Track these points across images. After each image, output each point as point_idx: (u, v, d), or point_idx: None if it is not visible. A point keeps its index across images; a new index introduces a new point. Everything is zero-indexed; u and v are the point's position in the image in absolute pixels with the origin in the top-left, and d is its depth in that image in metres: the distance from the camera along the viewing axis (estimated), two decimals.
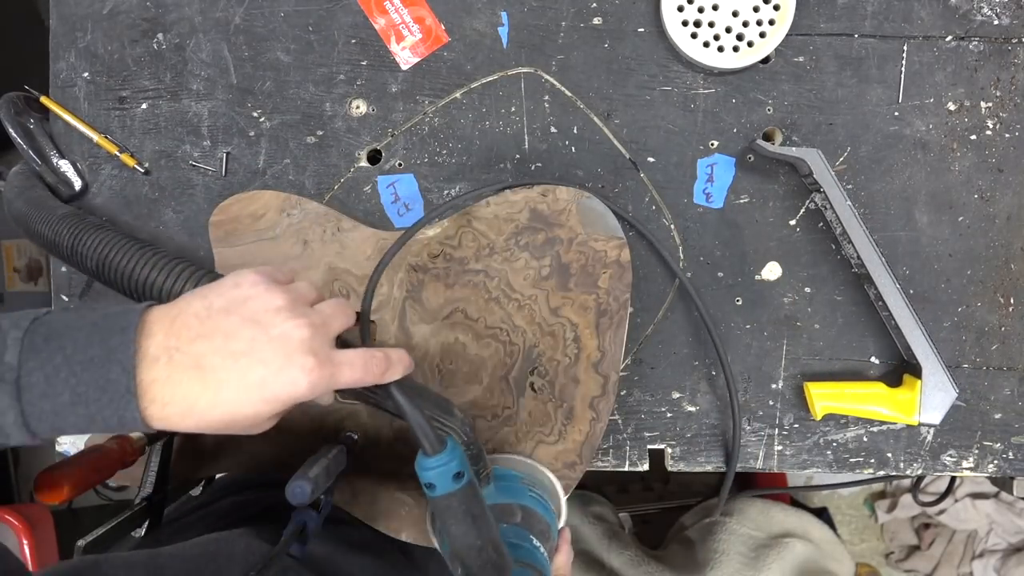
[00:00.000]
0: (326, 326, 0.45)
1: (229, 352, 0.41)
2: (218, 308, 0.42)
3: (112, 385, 0.38)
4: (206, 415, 0.40)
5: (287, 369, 0.41)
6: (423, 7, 0.69)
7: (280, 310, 0.43)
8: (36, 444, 0.40)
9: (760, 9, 0.67)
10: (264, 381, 0.41)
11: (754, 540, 1.09)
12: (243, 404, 0.41)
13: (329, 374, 0.43)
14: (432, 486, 0.47)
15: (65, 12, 0.70)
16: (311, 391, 0.42)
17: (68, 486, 0.51)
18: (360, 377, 0.45)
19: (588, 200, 0.65)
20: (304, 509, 0.53)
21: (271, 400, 0.41)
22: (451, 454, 0.47)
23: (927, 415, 0.66)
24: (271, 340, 0.42)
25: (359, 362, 0.45)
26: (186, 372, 0.40)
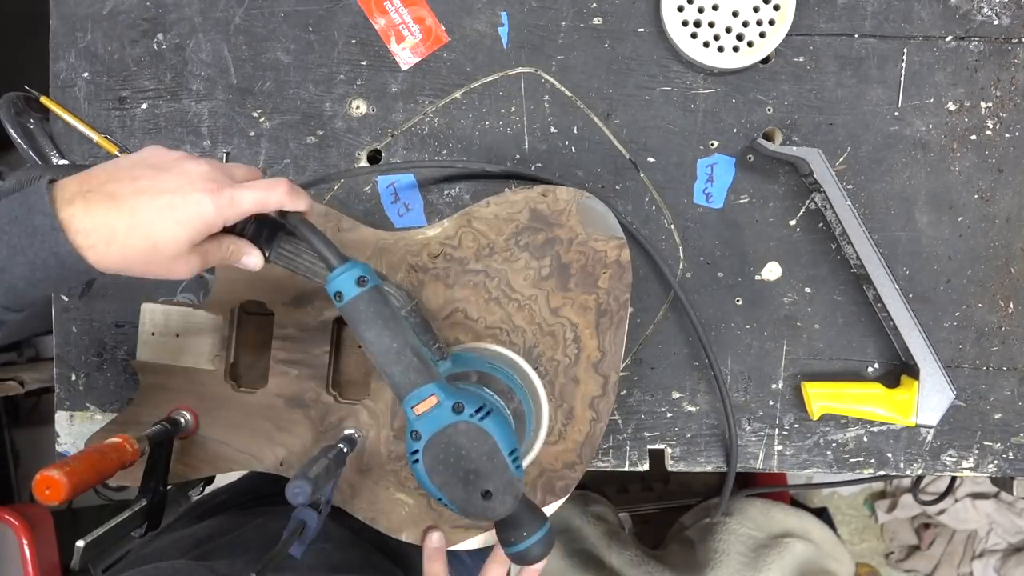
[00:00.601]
0: (227, 169, 0.50)
1: (137, 188, 0.46)
2: (124, 164, 0.48)
3: (39, 229, 0.44)
4: (128, 239, 0.45)
5: (191, 192, 0.46)
6: (423, 7, 0.69)
7: (179, 158, 0.49)
8: (2, 317, 0.46)
9: (760, 9, 0.67)
10: (172, 204, 0.46)
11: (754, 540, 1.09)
12: (159, 225, 0.45)
13: (231, 194, 0.47)
14: (339, 294, 0.49)
15: (65, 12, 0.70)
16: (216, 210, 0.47)
17: (68, 486, 0.51)
18: (263, 197, 0.49)
19: (588, 200, 0.65)
20: (304, 509, 0.53)
21: (182, 221, 0.46)
22: (353, 264, 0.49)
23: (924, 416, 0.66)
24: (174, 175, 0.47)
25: (261, 184, 0.50)
26: (101, 203, 0.45)
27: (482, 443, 0.49)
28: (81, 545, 0.52)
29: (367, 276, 0.49)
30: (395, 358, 0.49)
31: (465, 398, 0.50)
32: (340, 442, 0.60)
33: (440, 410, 0.49)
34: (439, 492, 0.50)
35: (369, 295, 0.49)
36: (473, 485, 0.49)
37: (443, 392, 0.49)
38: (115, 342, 0.72)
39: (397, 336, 0.49)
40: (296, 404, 0.66)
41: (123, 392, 0.72)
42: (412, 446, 0.50)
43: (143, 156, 0.49)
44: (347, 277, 0.49)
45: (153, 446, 0.61)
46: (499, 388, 0.58)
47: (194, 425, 0.66)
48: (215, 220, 0.47)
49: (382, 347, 0.49)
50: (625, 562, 1.09)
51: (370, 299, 0.49)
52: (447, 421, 0.49)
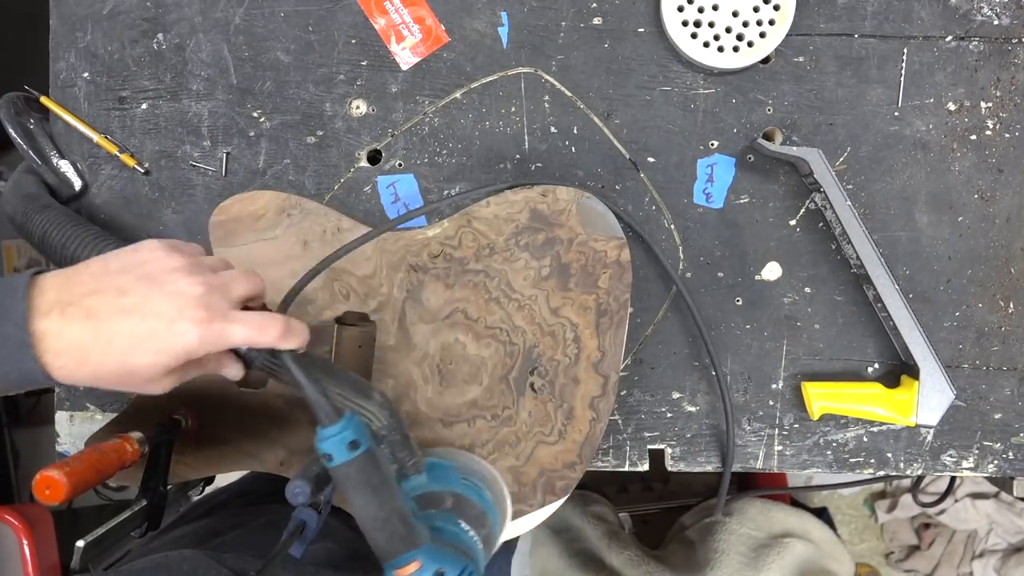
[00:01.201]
0: (225, 287, 0.46)
1: (121, 307, 0.42)
2: (115, 268, 0.44)
3: (7, 340, 0.41)
4: (101, 365, 0.42)
5: (178, 321, 0.43)
6: (423, 7, 0.69)
7: (176, 270, 0.45)
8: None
9: (760, 9, 0.67)
10: (155, 332, 0.42)
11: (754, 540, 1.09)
12: (135, 355, 0.42)
13: (220, 329, 0.44)
14: (329, 456, 0.48)
15: (65, 12, 0.70)
16: (201, 344, 0.43)
17: (68, 486, 0.51)
18: (254, 336, 0.46)
19: (588, 200, 0.65)
20: (304, 509, 0.53)
21: (162, 352, 0.43)
22: (346, 424, 0.47)
23: (924, 416, 0.66)
24: (165, 295, 0.43)
25: (255, 321, 0.46)
26: (78, 323, 0.42)
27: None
28: (81, 545, 0.52)
29: (359, 439, 0.48)
30: (381, 526, 0.49)
31: (447, 561, 0.49)
32: None
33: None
34: None
35: (360, 460, 0.48)
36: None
37: (426, 557, 0.49)
38: None
39: (384, 504, 0.49)
40: (297, 404, 0.66)
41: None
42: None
43: (139, 259, 0.45)
44: (339, 440, 0.47)
45: (153, 446, 0.61)
46: (474, 515, 0.57)
47: (194, 425, 0.66)
48: (196, 352, 0.44)
49: (369, 514, 0.49)
50: (625, 562, 1.09)
51: (361, 465, 0.48)
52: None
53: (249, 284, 0.49)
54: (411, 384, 0.66)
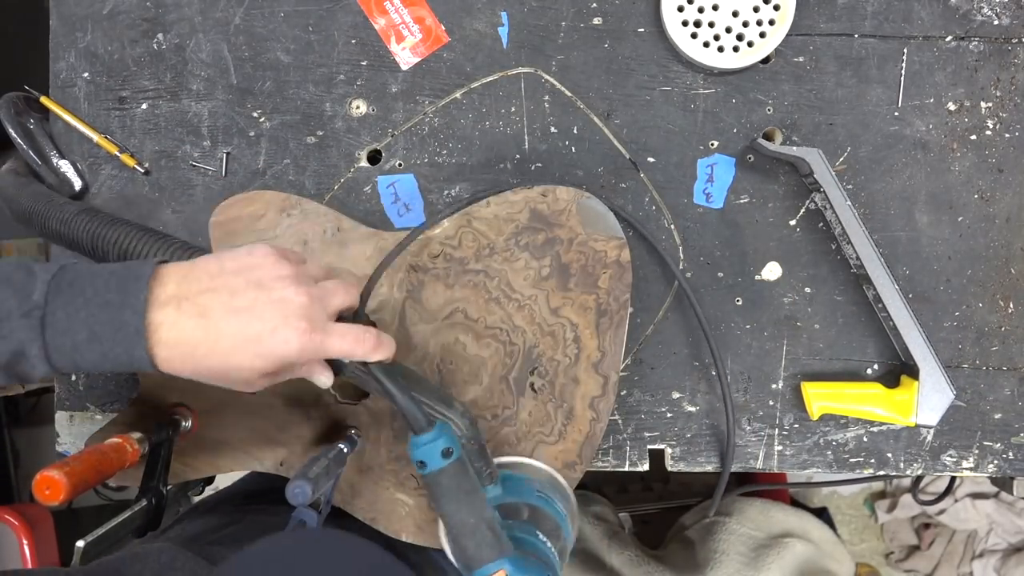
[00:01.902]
0: (325, 299, 0.48)
1: (232, 307, 0.45)
2: (229, 269, 0.46)
3: (125, 326, 0.43)
4: (204, 360, 0.44)
5: (281, 329, 0.45)
6: (423, 7, 0.69)
7: (284, 278, 0.47)
8: (53, 374, 0.46)
9: (760, 9, 0.67)
10: (260, 336, 0.45)
11: (754, 540, 1.09)
12: (238, 355, 0.45)
13: (320, 339, 0.46)
14: (423, 464, 0.49)
15: (65, 12, 0.70)
16: (301, 352, 0.46)
17: (68, 486, 0.51)
18: (350, 348, 0.48)
19: (588, 200, 0.65)
20: (304, 509, 0.53)
21: (264, 355, 0.45)
22: (439, 432, 0.49)
23: (924, 416, 0.66)
24: (271, 302, 0.45)
25: (351, 334, 0.48)
26: (191, 319, 0.44)
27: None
28: (81, 545, 0.52)
29: (451, 447, 0.49)
30: (471, 533, 0.50)
31: (531, 571, 0.50)
32: (340, 442, 0.60)
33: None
34: None
35: (453, 468, 0.50)
36: None
37: (512, 566, 0.50)
38: None
39: (475, 511, 0.50)
40: (296, 404, 0.66)
41: (123, 392, 0.72)
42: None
43: (251, 263, 0.47)
44: (433, 448, 0.49)
45: (153, 446, 0.61)
46: (549, 528, 0.58)
47: (194, 425, 0.66)
48: (295, 360, 0.46)
49: (459, 520, 0.50)
50: (625, 562, 1.09)
51: (452, 473, 0.50)
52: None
53: (348, 297, 0.51)
54: None
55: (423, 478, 0.50)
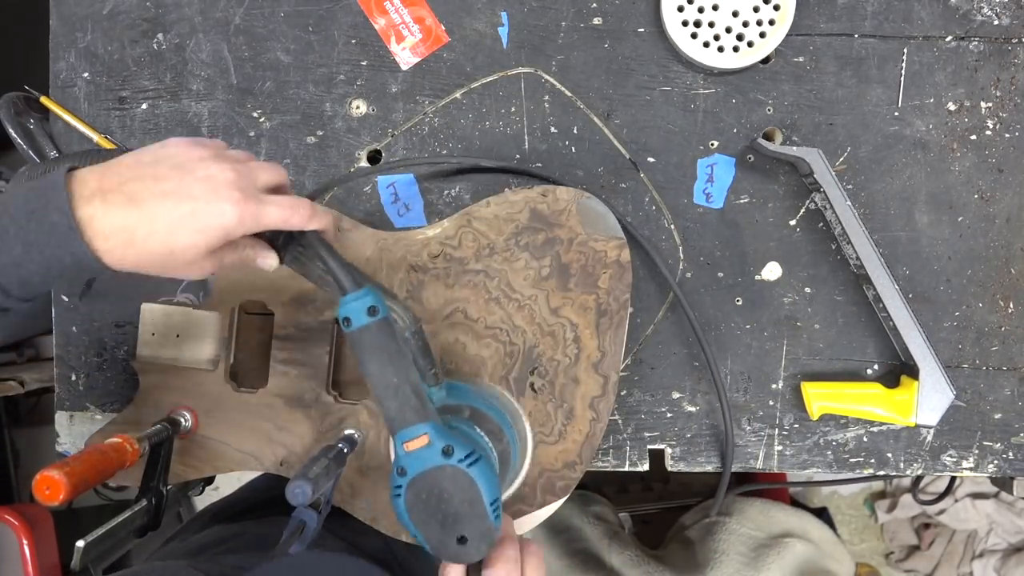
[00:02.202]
0: (252, 174, 0.49)
1: (160, 191, 0.45)
2: (147, 160, 0.46)
3: (55, 227, 0.43)
4: (146, 244, 0.44)
5: (215, 201, 0.45)
6: (423, 7, 0.69)
7: (204, 158, 0.47)
8: (13, 306, 0.46)
9: (760, 9, 0.67)
10: (195, 212, 0.45)
11: (754, 540, 1.09)
12: (178, 233, 0.45)
13: (255, 208, 0.47)
14: (347, 320, 0.49)
15: (65, 12, 0.70)
16: (240, 222, 0.46)
17: (68, 486, 0.51)
18: (287, 215, 0.48)
19: (588, 200, 0.65)
20: (304, 509, 0.53)
21: (203, 230, 0.45)
22: (367, 292, 0.49)
23: (924, 416, 0.66)
24: (198, 180, 0.46)
25: (286, 202, 0.49)
26: (121, 207, 0.44)
27: (466, 489, 0.49)
28: (81, 545, 0.52)
29: (378, 306, 0.49)
30: (394, 393, 0.49)
31: (456, 441, 0.49)
32: (340, 442, 0.60)
33: (429, 450, 0.49)
34: (415, 529, 0.50)
35: (377, 326, 0.49)
36: (450, 528, 0.49)
37: (435, 433, 0.49)
38: (115, 342, 0.72)
39: (399, 371, 0.49)
40: (296, 404, 0.66)
41: (123, 392, 0.72)
42: (396, 480, 0.49)
43: (168, 152, 0.47)
44: (359, 305, 0.49)
45: (153, 446, 0.61)
46: (490, 428, 0.58)
47: (194, 425, 0.66)
48: (235, 231, 0.46)
49: (383, 380, 0.49)
50: (625, 562, 1.09)
51: (378, 330, 0.49)
52: (434, 463, 0.49)
53: (274, 172, 0.51)
54: None
55: (348, 336, 0.49)
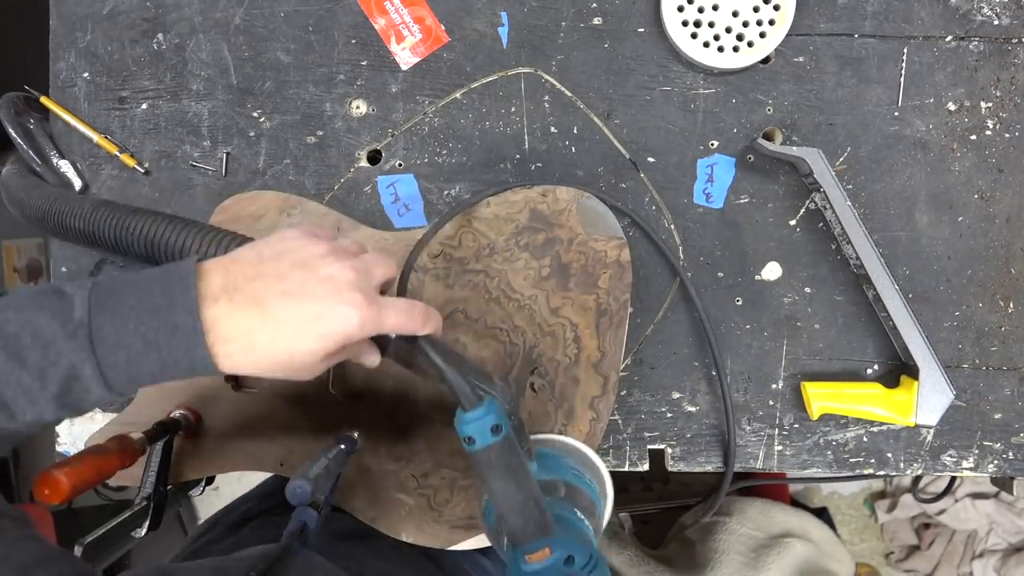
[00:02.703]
0: (369, 272, 0.47)
1: (283, 291, 0.43)
2: (268, 255, 0.45)
3: (180, 328, 0.41)
4: (268, 350, 0.42)
5: (339, 305, 0.44)
6: (423, 7, 0.69)
7: (325, 255, 0.46)
8: (113, 400, 0.43)
9: (760, 9, 0.67)
10: (319, 316, 0.43)
11: (754, 540, 1.09)
12: (301, 339, 0.43)
13: (377, 312, 0.45)
14: (471, 440, 0.49)
15: (65, 12, 0.70)
16: (362, 327, 0.44)
17: (68, 486, 0.51)
18: (404, 321, 0.47)
19: (588, 200, 0.65)
20: (304, 508, 0.53)
21: (327, 336, 0.43)
22: (488, 407, 0.49)
23: (923, 416, 0.66)
24: (320, 280, 0.44)
25: (403, 306, 0.48)
26: (246, 309, 0.42)
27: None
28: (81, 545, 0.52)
29: (501, 424, 0.49)
30: (519, 510, 0.50)
31: (576, 549, 0.50)
32: (340, 442, 0.60)
33: (552, 563, 0.49)
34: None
35: (501, 445, 0.49)
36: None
37: (557, 544, 0.50)
38: None
39: (523, 488, 0.50)
40: (296, 404, 0.66)
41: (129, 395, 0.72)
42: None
43: (287, 247, 0.46)
44: (483, 424, 0.49)
45: (153, 446, 0.61)
46: (584, 505, 0.58)
47: (194, 425, 0.66)
48: (356, 336, 0.45)
49: (508, 498, 0.50)
50: (625, 562, 1.09)
51: (501, 449, 0.49)
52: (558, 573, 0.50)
53: (388, 269, 0.50)
54: (412, 384, 0.66)
55: (471, 455, 0.49)
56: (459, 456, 0.65)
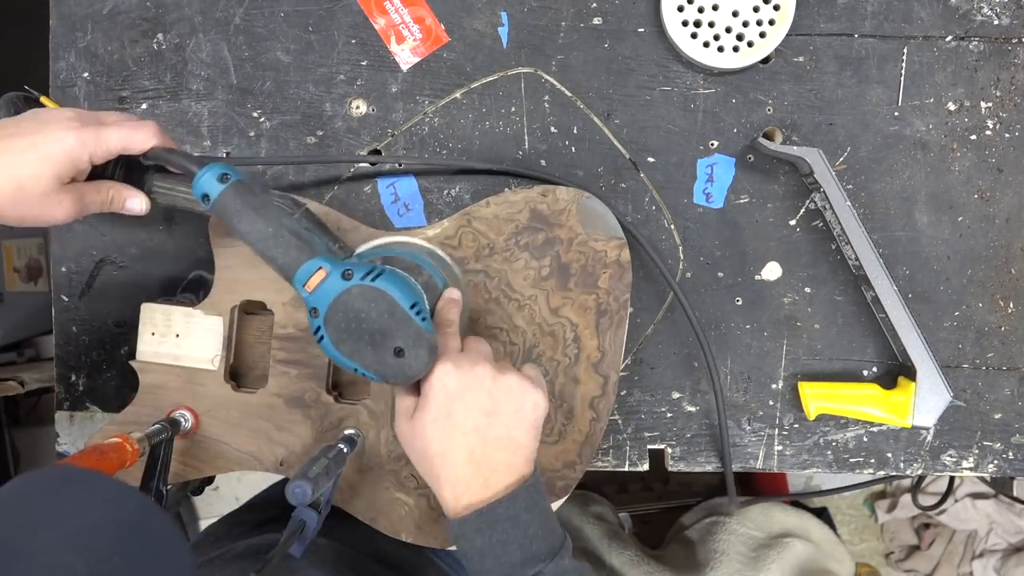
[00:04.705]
0: (96, 114, 0.52)
1: (6, 134, 0.49)
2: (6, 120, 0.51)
3: None
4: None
5: (53, 131, 0.49)
6: (423, 7, 0.69)
7: (47, 110, 0.52)
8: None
9: (760, 9, 0.67)
10: (33, 144, 0.48)
11: (754, 540, 1.09)
12: (20, 165, 0.48)
13: (95, 131, 0.50)
14: (206, 197, 0.50)
15: (65, 12, 0.70)
16: (81, 145, 0.49)
17: None
18: (128, 133, 0.52)
19: (588, 200, 0.65)
20: (304, 509, 0.53)
21: (45, 158, 0.48)
22: (211, 166, 0.50)
23: (921, 418, 0.66)
24: (37, 120, 0.50)
25: (127, 123, 0.52)
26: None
27: (380, 302, 0.48)
28: None
29: (228, 172, 0.50)
30: (273, 242, 0.49)
31: (353, 266, 0.49)
32: (340, 442, 0.60)
33: (330, 280, 0.49)
34: (351, 362, 0.49)
35: (234, 188, 0.50)
36: (381, 345, 0.49)
37: (329, 263, 0.49)
38: (115, 342, 0.72)
39: (271, 221, 0.50)
40: (296, 404, 0.66)
41: (123, 392, 0.72)
42: (313, 324, 0.49)
43: (19, 116, 0.52)
44: (208, 177, 0.50)
45: (153, 446, 0.61)
46: (403, 265, 0.57)
47: (194, 425, 0.66)
48: (79, 154, 0.49)
49: (259, 234, 0.49)
50: (625, 562, 1.09)
51: (235, 192, 0.50)
52: (339, 289, 0.49)
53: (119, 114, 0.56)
54: None
55: (215, 214, 0.50)
56: None
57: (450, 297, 0.59)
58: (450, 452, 0.50)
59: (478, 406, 0.51)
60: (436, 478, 0.52)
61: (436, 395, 0.51)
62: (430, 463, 0.52)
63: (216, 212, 0.50)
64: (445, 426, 0.51)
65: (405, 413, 0.54)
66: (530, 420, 0.53)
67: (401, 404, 0.55)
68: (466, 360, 0.52)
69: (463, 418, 0.50)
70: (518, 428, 0.52)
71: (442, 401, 0.51)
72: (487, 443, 0.51)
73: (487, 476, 0.50)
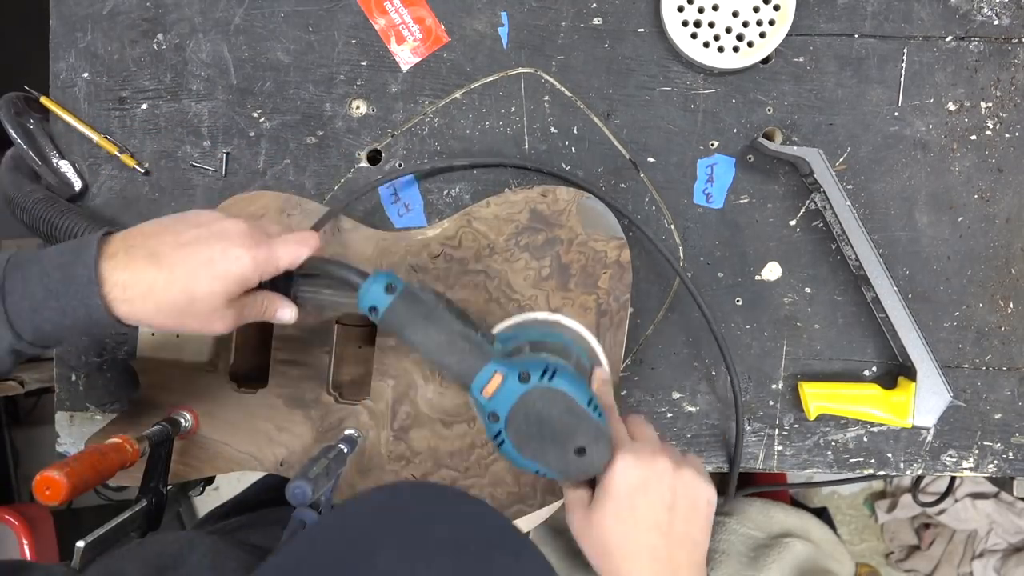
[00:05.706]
0: (263, 227, 0.52)
1: (178, 243, 0.48)
2: (168, 222, 0.50)
3: (77, 278, 0.46)
4: (165, 294, 0.47)
5: (230, 248, 0.48)
6: (423, 7, 0.69)
7: (219, 217, 0.51)
8: (31, 351, 0.48)
9: (760, 9, 0.67)
10: (211, 260, 0.48)
11: (754, 540, 1.09)
12: (196, 281, 0.47)
13: (267, 250, 0.50)
14: (374, 309, 0.50)
15: (65, 12, 0.70)
16: (255, 267, 0.49)
17: (68, 486, 0.51)
18: (295, 249, 0.51)
19: (588, 200, 0.65)
20: (304, 509, 0.53)
21: (221, 276, 0.48)
22: (375, 276, 0.50)
23: (920, 418, 0.66)
24: (213, 233, 0.49)
25: (292, 237, 0.52)
26: (142, 260, 0.47)
27: (559, 403, 0.48)
28: (81, 545, 0.52)
29: (394, 282, 0.50)
30: (448, 349, 0.49)
31: (528, 365, 0.48)
32: (340, 442, 0.60)
33: (508, 385, 0.48)
34: (535, 464, 0.49)
35: (402, 299, 0.49)
36: (564, 445, 0.48)
37: (505, 367, 0.48)
38: (115, 342, 0.72)
39: (443, 328, 0.49)
40: (296, 404, 0.66)
41: (123, 392, 0.72)
42: (493, 429, 0.49)
43: (186, 215, 0.51)
44: (376, 289, 0.49)
45: (153, 446, 0.61)
46: (554, 349, 0.56)
47: (194, 425, 0.66)
48: (252, 275, 0.49)
49: (432, 343, 0.49)
50: None
51: (404, 302, 0.49)
52: (519, 393, 0.48)
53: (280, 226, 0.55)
54: (411, 384, 0.66)
55: (382, 325, 0.50)
56: (460, 456, 0.65)
57: (603, 379, 0.59)
58: (633, 549, 0.49)
59: (660, 501, 0.50)
60: (617, 574, 0.50)
61: (618, 489, 0.50)
62: (610, 558, 0.50)
63: (384, 324, 0.50)
64: (627, 521, 0.49)
65: (580, 505, 0.53)
66: (705, 516, 0.52)
67: (572, 495, 0.54)
68: (646, 451, 0.51)
69: (645, 513, 0.49)
70: (695, 525, 0.51)
71: (624, 495, 0.49)
72: (671, 542, 0.50)
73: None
